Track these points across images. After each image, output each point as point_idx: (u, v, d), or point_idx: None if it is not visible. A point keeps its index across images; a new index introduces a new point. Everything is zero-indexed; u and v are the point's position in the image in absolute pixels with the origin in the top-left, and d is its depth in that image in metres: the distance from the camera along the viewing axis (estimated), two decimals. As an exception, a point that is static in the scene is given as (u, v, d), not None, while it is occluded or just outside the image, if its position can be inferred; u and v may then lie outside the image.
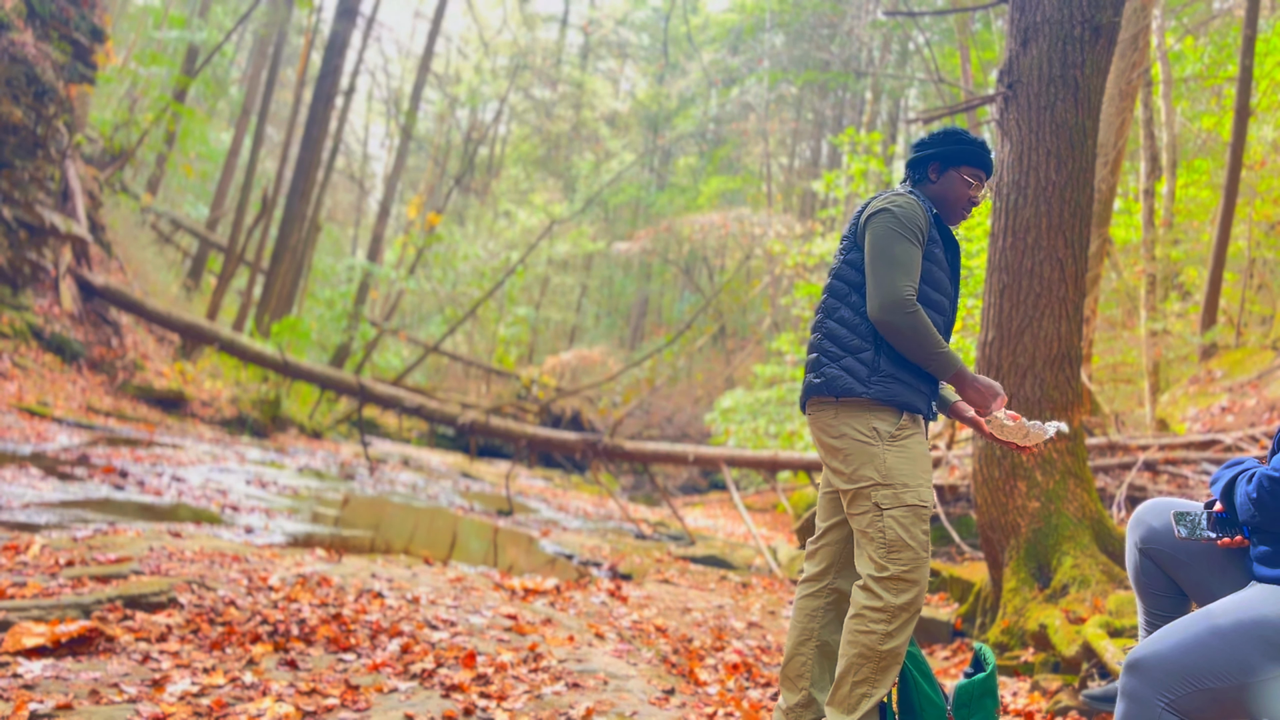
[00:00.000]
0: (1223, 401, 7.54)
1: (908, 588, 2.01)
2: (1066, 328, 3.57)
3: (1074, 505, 3.45)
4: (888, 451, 2.06)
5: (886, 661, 2.02)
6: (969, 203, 2.27)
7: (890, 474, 2.05)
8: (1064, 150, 3.57)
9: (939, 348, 2.08)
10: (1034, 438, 2.12)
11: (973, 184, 2.25)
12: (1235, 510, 1.72)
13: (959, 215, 2.28)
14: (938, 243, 2.21)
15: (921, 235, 2.13)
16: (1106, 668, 2.72)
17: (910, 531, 2.02)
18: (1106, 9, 3.63)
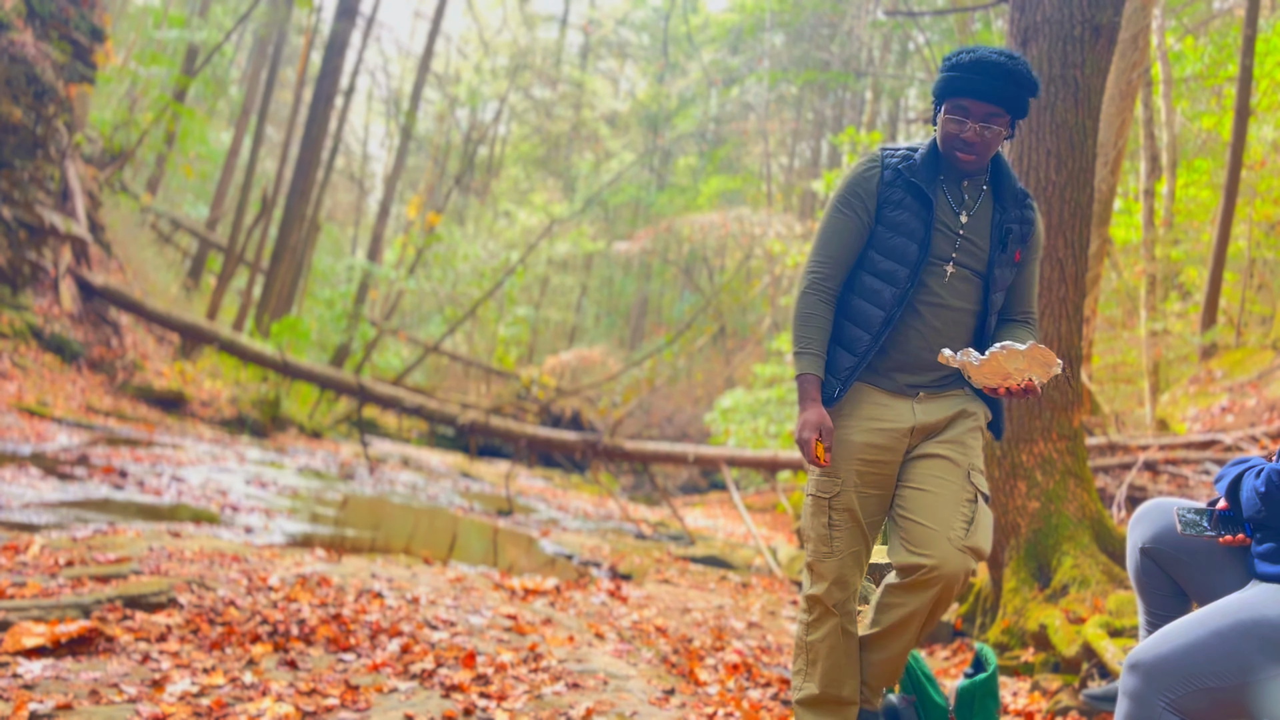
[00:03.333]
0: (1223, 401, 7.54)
1: (815, 579, 2.00)
2: (1067, 327, 3.57)
3: (1074, 505, 3.45)
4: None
5: (812, 654, 2.00)
6: (961, 145, 1.88)
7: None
8: (1064, 150, 3.57)
9: (799, 345, 1.96)
10: (1026, 370, 1.77)
11: (956, 120, 1.86)
12: (1240, 507, 1.72)
13: (957, 161, 1.90)
14: (903, 203, 1.91)
15: (860, 201, 1.93)
16: (1107, 668, 2.72)
17: (810, 521, 2.00)
18: (1106, 9, 3.63)
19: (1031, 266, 2.04)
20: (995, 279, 1.95)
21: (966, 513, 1.90)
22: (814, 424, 1.89)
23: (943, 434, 1.97)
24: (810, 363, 1.94)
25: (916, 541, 1.88)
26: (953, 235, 1.94)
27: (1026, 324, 2.05)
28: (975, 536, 1.89)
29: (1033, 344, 1.76)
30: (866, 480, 1.97)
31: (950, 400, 2.01)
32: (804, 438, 1.90)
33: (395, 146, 24.72)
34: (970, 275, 1.95)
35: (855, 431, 1.97)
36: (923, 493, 1.92)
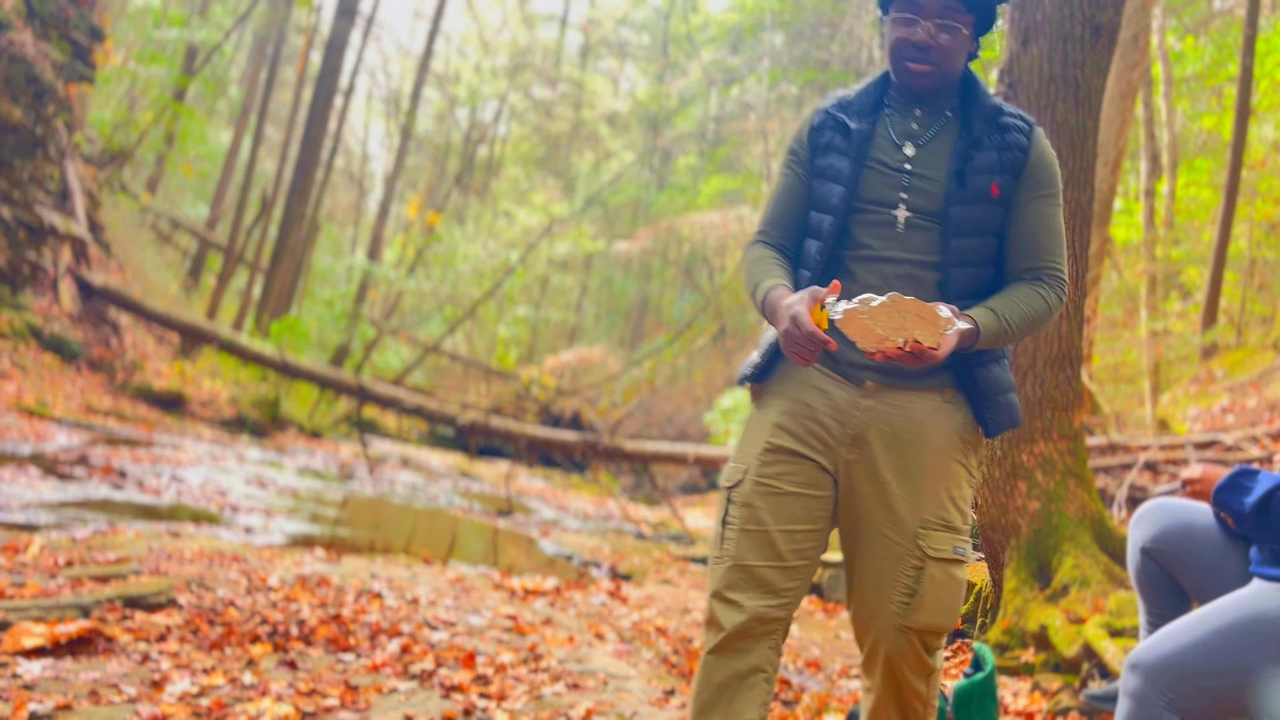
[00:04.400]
0: (1223, 401, 7.54)
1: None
2: (1067, 327, 3.57)
3: (1074, 505, 3.45)
4: None
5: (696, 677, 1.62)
6: (911, 52, 1.53)
7: None
8: (1064, 150, 3.57)
9: (753, 279, 1.58)
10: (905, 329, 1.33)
11: (905, 18, 1.56)
12: (1267, 524, 1.65)
13: (907, 76, 1.55)
14: (831, 145, 1.58)
15: (794, 155, 1.63)
16: (1107, 668, 2.72)
17: (717, 516, 1.57)
18: (1107, 9, 3.63)
19: (1037, 207, 1.53)
20: (953, 220, 1.48)
21: (907, 582, 1.45)
22: (795, 300, 1.39)
23: (899, 457, 1.48)
24: (773, 282, 1.52)
25: (857, 607, 1.53)
26: (895, 173, 1.51)
27: (1037, 283, 1.52)
28: (920, 613, 1.45)
29: (894, 295, 1.31)
30: (776, 474, 1.50)
31: (917, 400, 1.49)
32: (793, 315, 1.37)
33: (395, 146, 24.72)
34: (931, 222, 1.49)
35: (773, 410, 1.54)
36: (860, 545, 1.52)
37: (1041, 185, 1.56)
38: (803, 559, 1.51)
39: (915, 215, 1.51)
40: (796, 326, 1.36)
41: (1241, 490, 1.70)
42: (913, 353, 1.33)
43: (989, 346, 1.48)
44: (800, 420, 1.53)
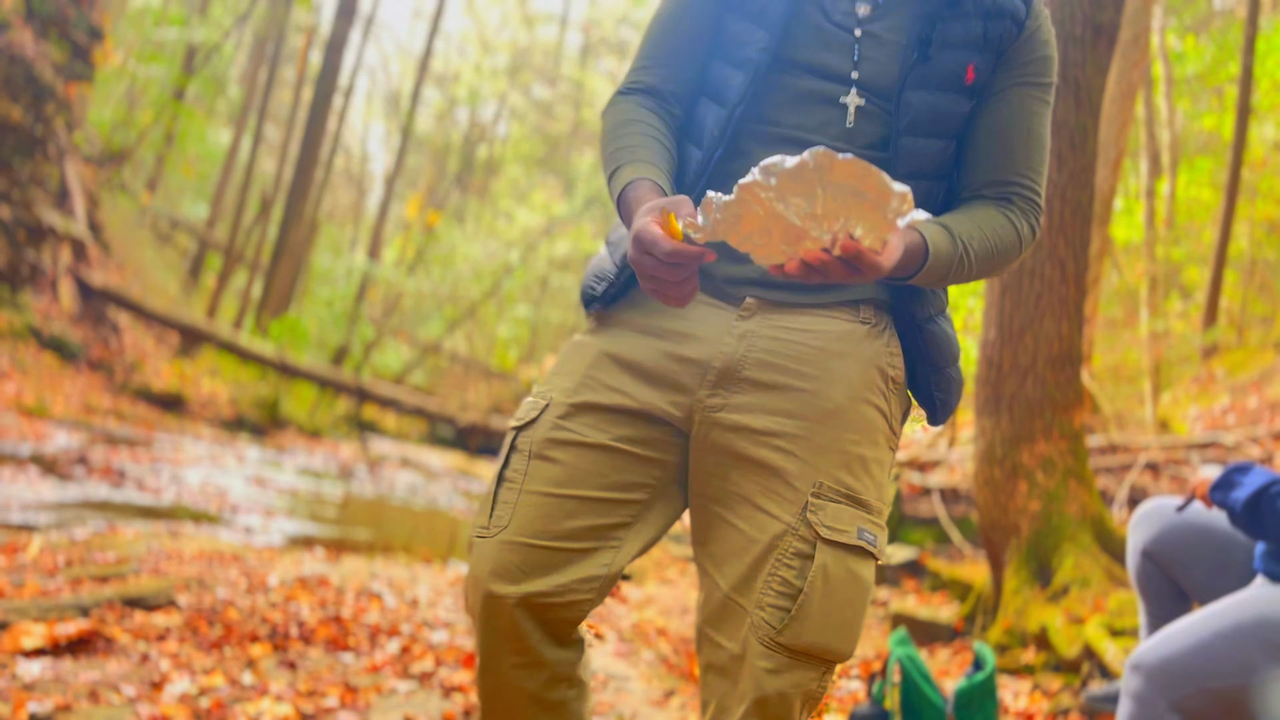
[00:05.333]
0: (1224, 402, 7.54)
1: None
2: (1068, 327, 3.57)
3: (1075, 505, 3.45)
4: None
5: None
6: None
7: None
8: (1065, 150, 3.57)
9: (611, 161, 1.09)
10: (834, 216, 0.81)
11: None
12: (1258, 523, 1.65)
13: None
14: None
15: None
16: (1107, 668, 2.71)
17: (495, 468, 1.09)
18: (1107, 8, 3.62)
19: (1021, 99, 1.08)
20: (907, 109, 1.04)
21: (785, 575, 0.99)
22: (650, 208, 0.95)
23: (786, 396, 1.02)
24: (637, 172, 1.04)
25: (707, 623, 1.07)
26: (843, 33, 1.06)
27: (1005, 204, 1.08)
28: (804, 625, 0.97)
29: (818, 152, 0.76)
30: (590, 420, 1.06)
31: (819, 321, 1.06)
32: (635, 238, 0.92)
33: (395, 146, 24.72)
34: (879, 107, 1.06)
35: (609, 337, 1.11)
36: (715, 527, 1.06)
37: (1031, 71, 1.08)
38: (609, 542, 1.04)
39: (866, 97, 1.05)
40: (646, 252, 0.89)
41: (1234, 486, 1.70)
42: (843, 257, 0.81)
43: (932, 281, 1.01)
44: (643, 349, 1.07)
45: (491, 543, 1.04)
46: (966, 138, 1.10)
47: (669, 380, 1.07)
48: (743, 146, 1.08)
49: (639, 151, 1.07)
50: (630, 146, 1.07)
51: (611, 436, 1.06)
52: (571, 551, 1.04)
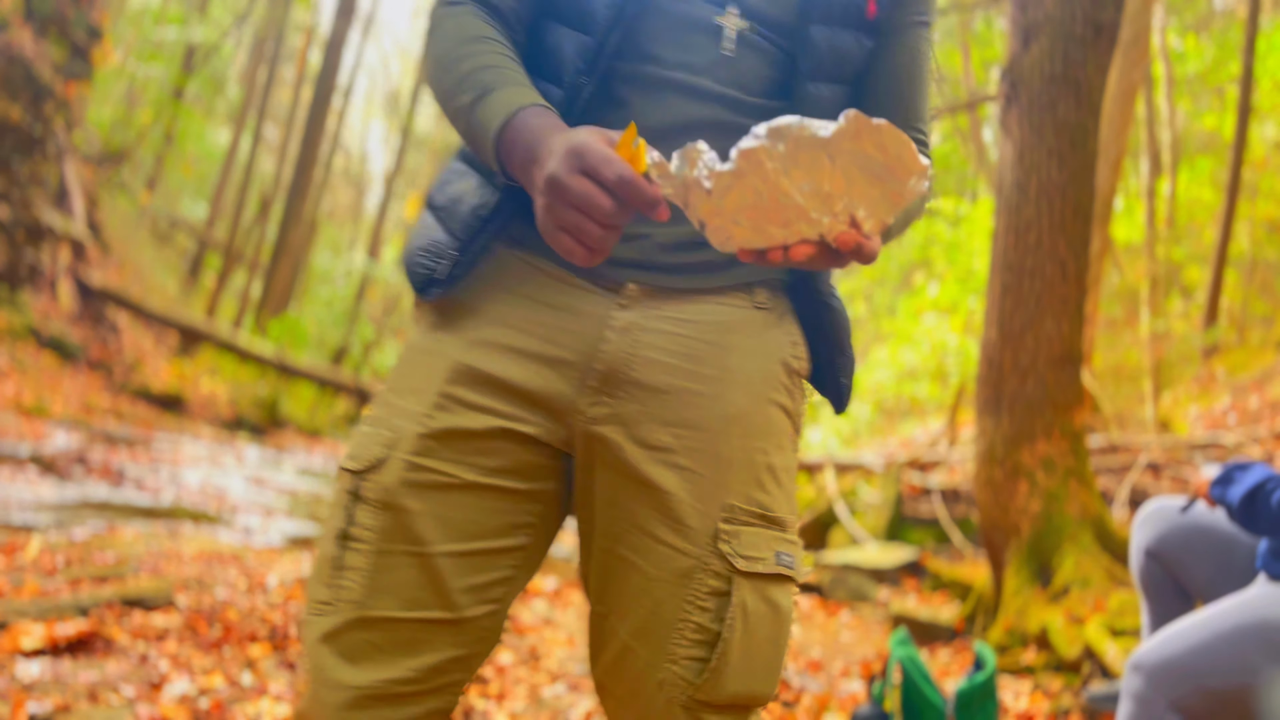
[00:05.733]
0: (1224, 401, 7.54)
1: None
2: (1068, 327, 3.56)
3: (1076, 505, 3.44)
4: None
5: None
6: None
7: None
8: (1066, 149, 3.56)
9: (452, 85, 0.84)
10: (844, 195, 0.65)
11: None
12: (1255, 518, 1.65)
13: None
14: None
15: None
16: (1108, 669, 2.71)
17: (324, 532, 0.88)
18: (1108, 8, 3.62)
19: (913, 41, 0.95)
20: (811, 46, 0.87)
21: (700, 620, 0.83)
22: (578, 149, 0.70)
23: (682, 404, 0.85)
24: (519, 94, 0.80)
25: (607, 676, 0.89)
26: None
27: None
28: (726, 675, 0.82)
29: (853, 113, 0.64)
30: (455, 453, 0.84)
31: (711, 309, 0.89)
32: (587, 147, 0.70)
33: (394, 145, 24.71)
34: (773, 44, 0.88)
35: (461, 340, 0.88)
36: (613, 566, 0.87)
37: (923, 7, 0.95)
38: (488, 603, 0.85)
39: (752, 26, 0.86)
40: (586, 172, 0.67)
41: (1232, 483, 1.70)
42: (839, 245, 0.67)
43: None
44: (506, 353, 0.86)
45: (328, 621, 0.82)
46: (863, 83, 0.93)
47: (542, 391, 0.85)
48: (616, 92, 0.85)
49: (511, 74, 0.81)
50: (498, 67, 0.81)
51: (483, 471, 0.84)
52: (442, 624, 0.82)
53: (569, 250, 0.70)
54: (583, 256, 0.70)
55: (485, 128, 0.79)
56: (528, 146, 0.75)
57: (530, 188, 0.74)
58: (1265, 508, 1.62)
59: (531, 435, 0.86)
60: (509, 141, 0.77)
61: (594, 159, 0.67)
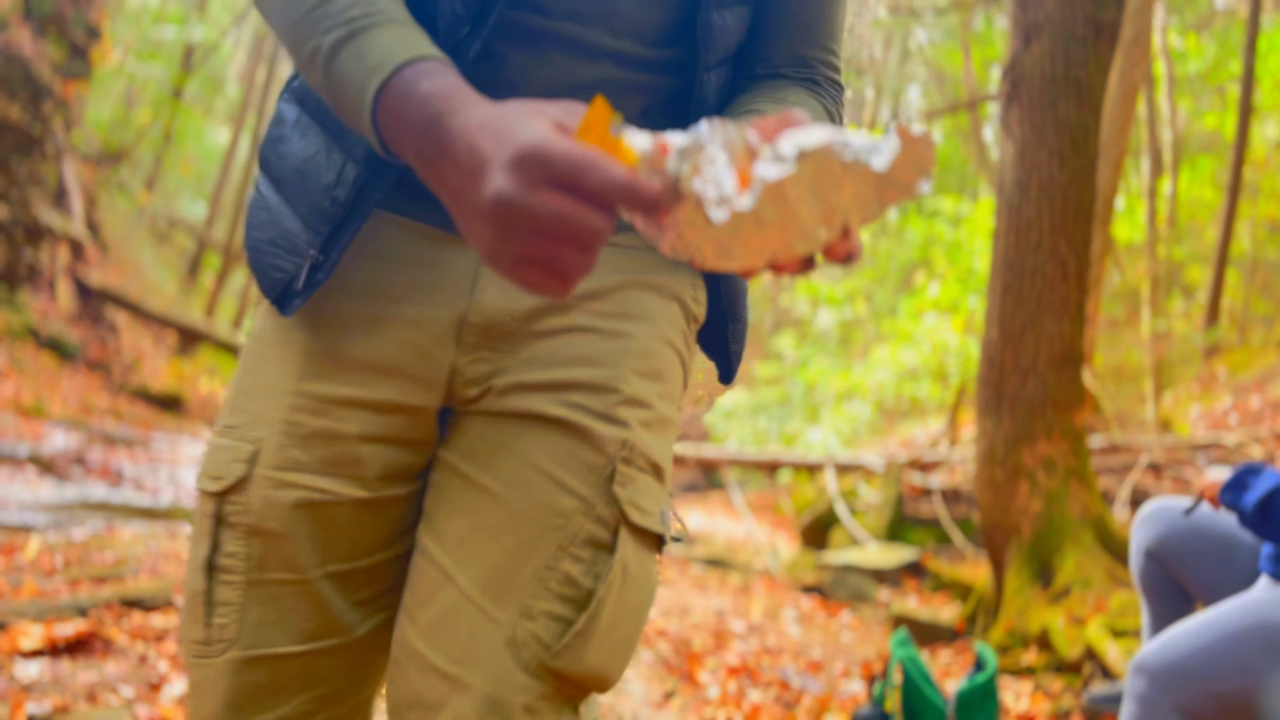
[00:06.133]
0: (1226, 401, 7.54)
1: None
2: (1069, 327, 3.56)
3: (1077, 506, 3.44)
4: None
5: None
6: None
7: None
8: (1067, 149, 3.56)
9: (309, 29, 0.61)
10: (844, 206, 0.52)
11: None
12: (1269, 525, 1.63)
13: None
14: None
15: None
16: (1109, 669, 2.70)
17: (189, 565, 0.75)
18: (1109, 7, 3.61)
19: None
20: None
21: (558, 584, 0.68)
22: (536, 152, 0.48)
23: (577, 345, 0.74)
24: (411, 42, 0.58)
25: (428, 619, 0.70)
26: None
27: (814, 88, 0.81)
28: (590, 646, 0.68)
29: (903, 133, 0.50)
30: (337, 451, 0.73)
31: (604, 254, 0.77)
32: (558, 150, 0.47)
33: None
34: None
35: (313, 326, 0.75)
36: (476, 489, 0.72)
37: None
38: (382, 612, 0.76)
39: None
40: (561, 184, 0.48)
41: (1245, 488, 1.68)
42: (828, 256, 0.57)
43: None
44: (375, 328, 0.72)
45: (219, 663, 0.71)
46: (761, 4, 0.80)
47: (415, 363, 0.72)
48: (494, 47, 0.70)
49: (393, 9, 0.60)
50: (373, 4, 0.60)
51: (357, 482, 0.72)
52: (334, 651, 0.73)
53: (538, 285, 0.51)
54: (558, 289, 0.51)
55: (354, 86, 0.57)
56: (428, 131, 0.53)
57: (446, 194, 0.52)
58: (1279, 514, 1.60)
59: (410, 424, 0.73)
60: (393, 113, 0.55)
61: (565, 164, 0.47)
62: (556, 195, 0.47)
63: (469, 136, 0.50)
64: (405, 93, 0.55)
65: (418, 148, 0.54)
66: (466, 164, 0.50)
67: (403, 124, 0.55)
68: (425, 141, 0.54)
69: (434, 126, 0.53)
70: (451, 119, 0.52)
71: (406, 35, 0.59)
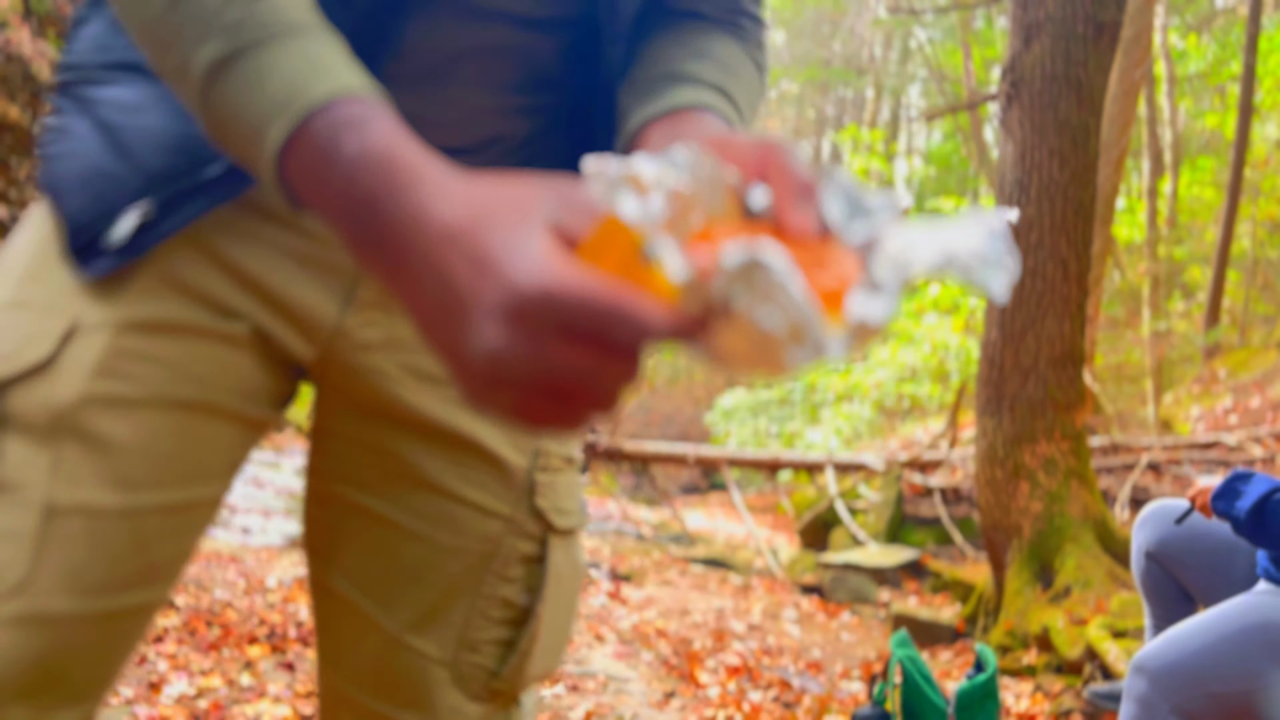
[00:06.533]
0: (1226, 402, 7.53)
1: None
2: (1070, 327, 3.55)
3: (1077, 506, 3.43)
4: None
5: None
6: None
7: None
8: (1067, 149, 3.55)
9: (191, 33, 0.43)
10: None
11: None
12: (1264, 531, 1.62)
13: None
14: None
15: None
16: (1109, 669, 2.70)
17: None
18: (1109, 6, 3.61)
19: None
20: None
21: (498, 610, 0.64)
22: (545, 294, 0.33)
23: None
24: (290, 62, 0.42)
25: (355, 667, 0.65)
26: None
27: (738, 32, 0.64)
28: (522, 664, 0.64)
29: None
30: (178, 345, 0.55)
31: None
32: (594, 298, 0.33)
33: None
34: None
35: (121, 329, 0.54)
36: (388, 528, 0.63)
37: None
38: (164, 586, 0.61)
39: None
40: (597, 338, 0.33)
41: (1236, 495, 1.67)
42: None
43: None
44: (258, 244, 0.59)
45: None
46: None
47: (298, 300, 0.58)
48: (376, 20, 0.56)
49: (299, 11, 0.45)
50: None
51: (210, 387, 0.56)
52: (144, 613, 0.60)
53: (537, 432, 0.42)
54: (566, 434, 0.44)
55: (244, 130, 0.42)
56: (362, 219, 0.39)
57: (400, 303, 0.39)
58: (1275, 519, 1.59)
59: (274, 348, 0.59)
60: (307, 175, 0.41)
61: (586, 314, 0.33)
62: (572, 350, 0.34)
63: (432, 252, 0.36)
64: (323, 153, 0.39)
65: (350, 234, 0.39)
66: (434, 292, 0.36)
67: (323, 193, 0.40)
68: (360, 231, 0.39)
69: (370, 214, 0.38)
70: (395, 208, 0.37)
71: (313, 52, 0.42)
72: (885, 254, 0.38)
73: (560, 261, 0.34)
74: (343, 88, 0.41)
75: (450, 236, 0.36)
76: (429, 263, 0.36)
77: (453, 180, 0.38)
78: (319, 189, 0.40)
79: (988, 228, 0.39)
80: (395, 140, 0.39)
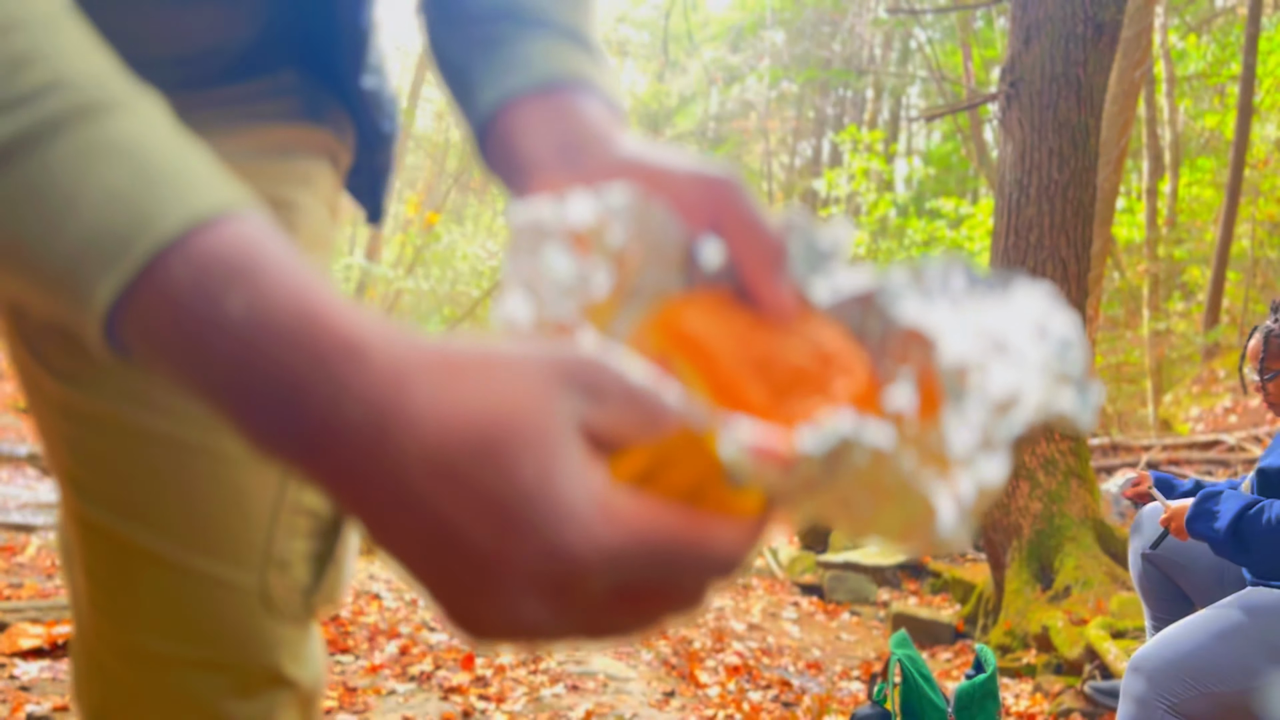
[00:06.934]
0: (1226, 402, 7.54)
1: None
2: (1069, 327, 3.56)
3: (1077, 506, 3.44)
4: None
5: None
6: None
7: None
8: (1066, 149, 3.56)
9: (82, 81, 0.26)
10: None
11: None
12: (1243, 547, 1.61)
13: None
14: None
15: None
16: (1109, 669, 2.71)
17: None
18: (1109, 6, 3.61)
19: None
20: None
21: (307, 514, 0.52)
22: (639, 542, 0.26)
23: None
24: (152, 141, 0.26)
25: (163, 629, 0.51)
26: None
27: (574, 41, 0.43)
28: (339, 573, 0.56)
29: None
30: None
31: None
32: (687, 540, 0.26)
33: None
34: None
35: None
36: (166, 473, 0.49)
37: None
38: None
39: None
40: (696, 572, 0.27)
41: (1212, 517, 1.65)
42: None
43: None
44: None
45: None
46: None
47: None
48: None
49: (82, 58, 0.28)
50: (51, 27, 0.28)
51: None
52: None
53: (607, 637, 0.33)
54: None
55: (48, 268, 0.26)
56: (291, 405, 0.26)
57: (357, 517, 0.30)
58: (1252, 532, 1.57)
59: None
60: (166, 339, 0.26)
61: (657, 565, 0.27)
62: (638, 604, 0.28)
63: (415, 489, 0.26)
64: (191, 314, 0.26)
65: (253, 424, 0.27)
66: (425, 539, 0.28)
67: (193, 363, 0.26)
68: (271, 423, 0.26)
69: (287, 407, 0.26)
70: (333, 407, 0.25)
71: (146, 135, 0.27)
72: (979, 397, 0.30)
73: (614, 504, 0.25)
74: (208, 206, 0.26)
75: (446, 473, 0.25)
76: (412, 502, 0.26)
77: (413, 355, 0.26)
78: (187, 358, 0.26)
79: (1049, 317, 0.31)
80: (308, 292, 0.26)
